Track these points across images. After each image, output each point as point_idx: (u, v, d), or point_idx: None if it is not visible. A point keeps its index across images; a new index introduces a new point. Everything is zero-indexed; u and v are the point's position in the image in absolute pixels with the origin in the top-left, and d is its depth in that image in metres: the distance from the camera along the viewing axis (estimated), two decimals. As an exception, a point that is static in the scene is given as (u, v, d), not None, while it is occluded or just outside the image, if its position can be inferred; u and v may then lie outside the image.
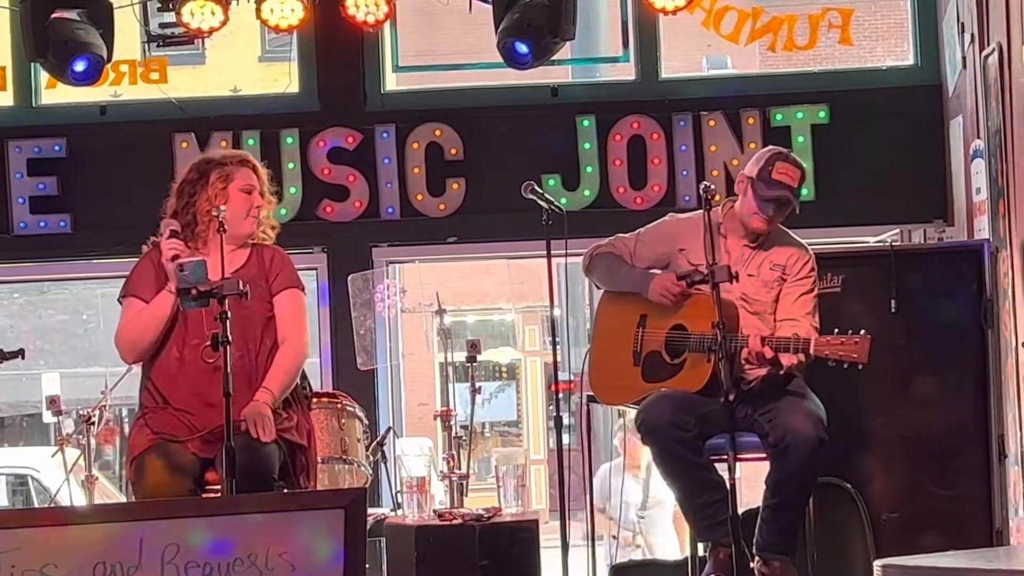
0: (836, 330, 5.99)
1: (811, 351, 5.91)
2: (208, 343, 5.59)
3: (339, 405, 7.35)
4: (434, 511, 6.64)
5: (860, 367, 5.90)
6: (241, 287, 5.54)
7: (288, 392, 5.89)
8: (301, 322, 5.96)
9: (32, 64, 9.19)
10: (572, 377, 7.42)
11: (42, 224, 9.37)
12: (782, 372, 6.04)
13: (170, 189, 6.11)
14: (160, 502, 5.09)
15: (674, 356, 6.24)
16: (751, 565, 5.99)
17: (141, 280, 5.93)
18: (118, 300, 6.00)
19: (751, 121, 9.30)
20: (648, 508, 10.22)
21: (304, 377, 6.23)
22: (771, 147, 6.46)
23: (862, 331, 5.90)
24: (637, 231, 6.50)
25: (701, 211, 6.06)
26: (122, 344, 5.93)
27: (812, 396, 6.15)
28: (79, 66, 8.55)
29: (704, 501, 6.03)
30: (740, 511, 5.88)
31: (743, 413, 6.05)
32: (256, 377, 5.82)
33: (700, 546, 6.29)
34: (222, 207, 5.80)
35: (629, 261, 6.43)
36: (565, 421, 6.77)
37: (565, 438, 6.77)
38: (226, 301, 5.52)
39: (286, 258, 6.04)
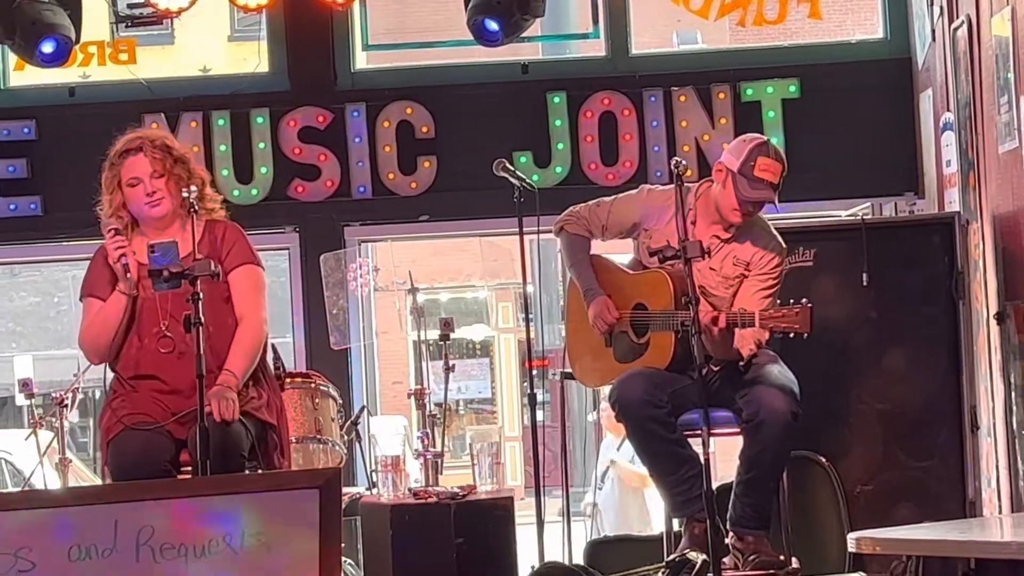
0: (778, 301, 6.01)
1: (756, 324, 5.90)
2: (164, 332, 5.60)
3: (313, 385, 7.34)
4: (409, 489, 6.63)
5: (805, 336, 5.90)
6: (213, 268, 5.50)
7: (251, 371, 5.79)
8: (258, 299, 5.84)
9: (0, 46, 9.15)
10: (546, 354, 7.43)
11: (12, 207, 9.33)
12: (742, 364, 6.06)
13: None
14: (134, 484, 5.08)
15: (640, 335, 6.24)
16: (725, 540, 6.01)
17: (97, 280, 5.86)
18: (79, 301, 5.96)
19: (722, 96, 9.29)
20: (605, 482, 10.23)
21: (277, 356, 6.20)
22: (753, 136, 6.24)
23: (803, 300, 5.88)
24: (613, 198, 6.43)
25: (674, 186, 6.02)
26: (85, 346, 5.86)
27: (785, 370, 6.15)
28: (47, 47, 8.51)
29: (678, 477, 6.04)
30: (714, 486, 5.89)
31: (716, 388, 6.05)
32: (216, 357, 5.73)
33: (675, 521, 6.31)
34: (193, 188, 5.76)
35: (600, 233, 6.40)
36: (539, 398, 6.78)
37: (539, 415, 6.78)
38: (198, 282, 5.49)
39: (239, 233, 5.90)
